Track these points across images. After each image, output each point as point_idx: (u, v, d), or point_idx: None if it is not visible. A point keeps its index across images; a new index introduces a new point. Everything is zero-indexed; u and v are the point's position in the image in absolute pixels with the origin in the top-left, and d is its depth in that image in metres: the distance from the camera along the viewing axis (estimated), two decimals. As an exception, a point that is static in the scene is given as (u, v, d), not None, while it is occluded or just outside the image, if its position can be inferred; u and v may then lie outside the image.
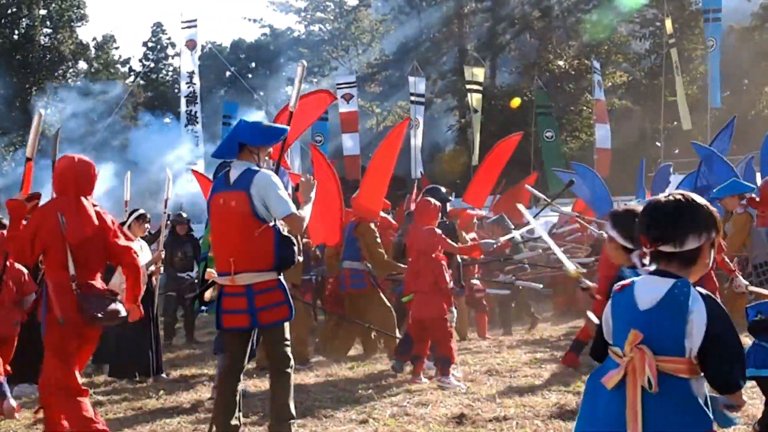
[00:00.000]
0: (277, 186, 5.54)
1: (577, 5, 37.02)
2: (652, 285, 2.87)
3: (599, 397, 2.90)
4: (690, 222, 2.85)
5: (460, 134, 37.66)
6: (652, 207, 2.94)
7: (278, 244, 5.54)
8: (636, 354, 2.78)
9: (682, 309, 2.78)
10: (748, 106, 33.78)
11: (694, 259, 2.88)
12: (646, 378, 2.75)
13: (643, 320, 2.83)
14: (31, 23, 40.88)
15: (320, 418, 6.64)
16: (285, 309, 5.60)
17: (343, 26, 44.92)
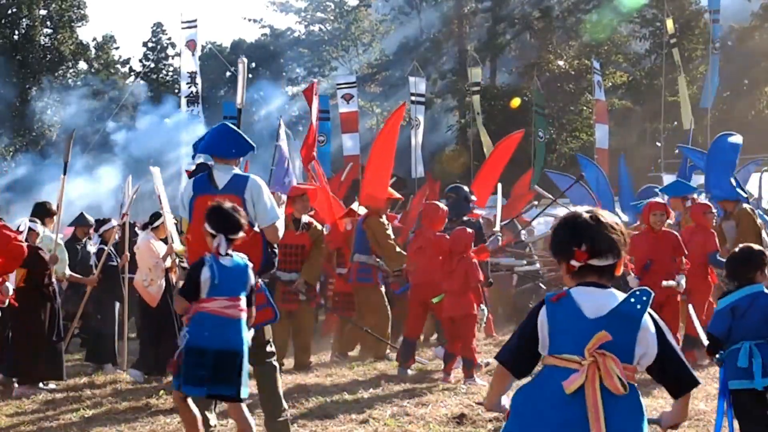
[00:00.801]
0: (268, 193, 5.74)
1: (578, 5, 37.00)
2: (595, 295, 2.99)
3: (546, 409, 2.94)
4: (620, 237, 3.02)
5: (460, 134, 37.65)
6: (588, 221, 3.02)
7: (265, 249, 5.72)
8: (599, 358, 2.87)
9: (636, 318, 2.93)
10: (748, 107, 33.76)
11: (614, 272, 3.04)
12: (617, 379, 2.85)
13: (593, 328, 2.91)
14: (31, 23, 40.85)
15: (320, 418, 6.65)
16: (270, 311, 5.77)
17: (344, 26, 44.88)
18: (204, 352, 5.00)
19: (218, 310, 5.09)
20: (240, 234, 5.19)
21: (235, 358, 5.06)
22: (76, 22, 42.86)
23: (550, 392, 2.96)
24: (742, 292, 5.04)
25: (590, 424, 2.85)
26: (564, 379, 2.91)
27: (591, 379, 2.87)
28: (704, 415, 6.45)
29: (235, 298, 5.14)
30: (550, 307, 3.03)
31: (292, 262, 9.50)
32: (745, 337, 4.95)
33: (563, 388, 2.90)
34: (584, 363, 2.89)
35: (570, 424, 2.89)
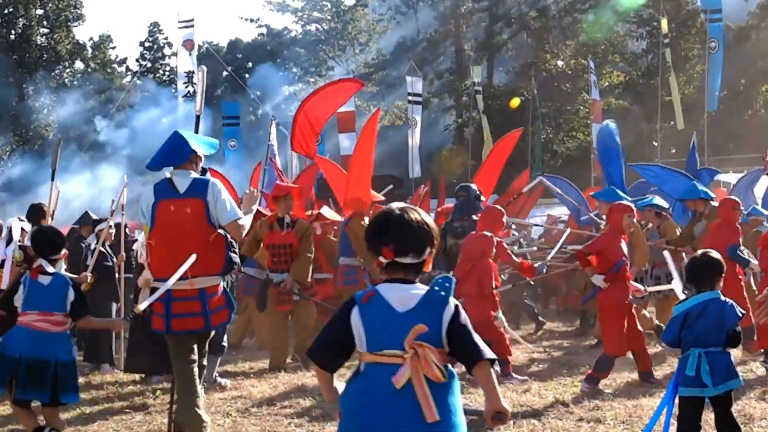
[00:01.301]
0: (226, 193, 5.89)
1: (574, 5, 37.01)
2: (401, 290, 3.13)
3: (378, 405, 3.07)
4: (428, 235, 3.15)
5: (457, 134, 37.66)
6: (397, 220, 3.15)
7: (227, 250, 5.83)
8: (418, 350, 3.01)
9: (443, 303, 3.09)
10: (744, 106, 33.80)
11: (421, 268, 3.17)
12: (436, 368, 3.00)
13: (405, 321, 3.05)
14: (27, 23, 40.83)
15: (318, 418, 6.64)
16: (227, 312, 5.95)
17: (340, 26, 44.87)
18: (16, 360, 5.57)
19: (30, 323, 5.67)
20: (61, 253, 6.03)
21: (46, 367, 5.55)
22: (73, 21, 42.86)
23: (378, 388, 3.08)
24: (697, 299, 5.03)
25: (424, 413, 2.98)
26: (390, 374, 3.03)
27: (416, 371, 3.00)
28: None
29: (48, 313, 5.70)
30: (361, 308, 3.14)
31: (283, 263, 9.52)
32: (695, 344, 4.94)
33: (392, 383, 3.02)
34: (406, 356, 3.02)
35: (404, 415, 3.01)
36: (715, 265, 5.13)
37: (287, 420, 6.62)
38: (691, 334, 4.97)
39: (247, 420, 6.68)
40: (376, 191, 18.58)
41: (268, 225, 9.56)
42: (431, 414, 2.98)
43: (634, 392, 7.31)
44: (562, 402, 6.92)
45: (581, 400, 7.04)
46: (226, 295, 5.92)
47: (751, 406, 6.56)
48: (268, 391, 7.87)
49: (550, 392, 7.40)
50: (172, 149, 5.99)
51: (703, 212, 10.32)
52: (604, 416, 6.39)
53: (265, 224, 9.59)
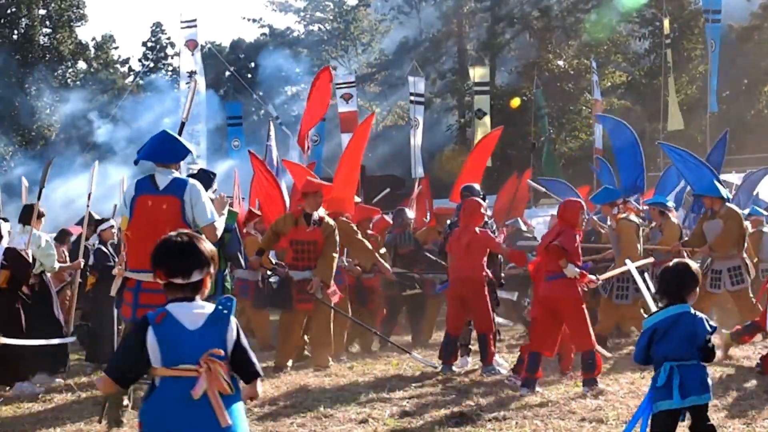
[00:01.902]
0: (206, 196, 6.20)
1: (577, 5, 37.01)
2: (190, 309, 3.50)
3: (176, 416, 3.39)
4: (196, 259, 3.52)
5: (459, 134, 37.65)
6: (163, 245, 3.58)
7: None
8: (211, 365, 3.38)
9: (225, 321, 3.49)
10: (746, 106, 33.77)
11: (199, 287, 3.54)
12: (224, 382, 3.39)
13: (197, 338, 3.43)
14: (30, 23, 40.85)
15: (320, 417, 6.64)
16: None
17: (343, 26, 44.87)
18: None
19: None
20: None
21: None
22: (76, 21, 42.87)
23: (175, 399, 3.40)
24: (665, 312, 4.80)
25: (219, 419, 3.36)
26: (186, 387, 3.37)
27: (210, 383, 3.38)
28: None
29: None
30: (155, 328, 3.45)
31: (305, 260, 9.37)
32: (666, 358, 4.75)
33: (189, 394, 3.36)
34: (201, 370, 3.38)
35: (201, 423, 3.38)
36: (689, 276, 4.84)
37: (289, 420, 6.62)
38: (662, 350, 4.76)
39: (249, 420, 6.63)
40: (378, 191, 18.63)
41: (293, 220, 9.43)
42: (224, 420, 3.38)
43: (637, 392, 7.31)
44: (565, 402, 6.92)
45: (583, 400, 7.04)
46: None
47: (754, 407, 6.55)
48: (270, 390, 7.87)
49: (552, 392, 7.39)
50: (170, 147, 6.27)
51: (717, 212, 10.21)
52: (607, 416, 6.39)
53: (289, 219, 9.50)
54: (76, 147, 34.14)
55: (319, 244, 9.36)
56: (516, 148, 32.29)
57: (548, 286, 7.65)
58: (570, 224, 7.77)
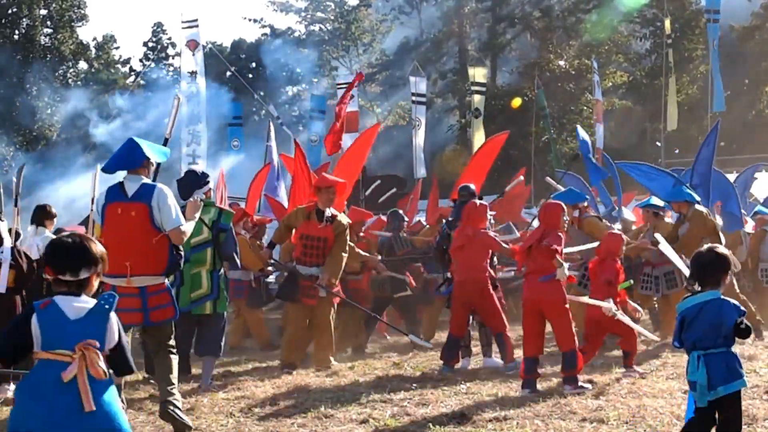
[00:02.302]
0: (172, 200, 6.35)
1: (578, 5, 37.01)
2: (73, 302, 3.78)
3: (46, 395, 3.64)
4: (84, 259, 3.81)
5: (460, 134, 37.66)
6: (55, 245, 3.90)
7: (170, 251, 6.33)
8: (86, 352, 3.66)
9: (105, 315, 3.79)
10: (748, 106, 33.76)
11: (86, 284, 3.84)
12: (99, 368, 3.67)
13: (76, 327, 3.72)
14: (31, 23, 40.85)
15: (320, 417, 6.64)
16: (171, 309, 6.45)
17: (344, 26, 44.86)
18: None
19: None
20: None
21: None
22: (77, 21, 42.86)
23: (47, 381, 3.66)
24: (694, 299, 4.82)
25: (84, 403, 3.61)
26: (59, 370, 3.64)
27: (80, 369, 3.64)
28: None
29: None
30: (39, 313, 3.74)
31: (314, 255, 9.32)
32: (695, 346, 4.77)
33: (60, 377, 3.62)
34: (75, 356, 3.65)
35: (67, 405, 3.62)
36: (719, 262, 4.89)
37: (290, 420, 6.62)
38: (690, 338, 4.81)
39: (250, 420, 6.68)
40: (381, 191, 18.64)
41: (305, 214, 9.37)
42: (89, 405, 3.62)
43: (638, 392, 7.30)
44: (566, 402, 6.91)
45: (584, 400, 7.03)
46: (170, 294, 6.45)
47: (755, 407, 6.54)
48: (271, 391, 7.87)
49: (553, 392, 7.39)
50: (126, 154, 6.44)
51: (686, 215, 10.37)
52: (608, 416, 6.38)
53: (301, 213, 9.44)
54: (78, 147, 34.13)
55: (329, 241, 9.32)
56: (517, 148, 32.28)
57: (538, 287, 7.68)
58: (552, 226, 7.82)
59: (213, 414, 6.92)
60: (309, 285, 9.25)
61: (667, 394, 7.22)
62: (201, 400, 7.50)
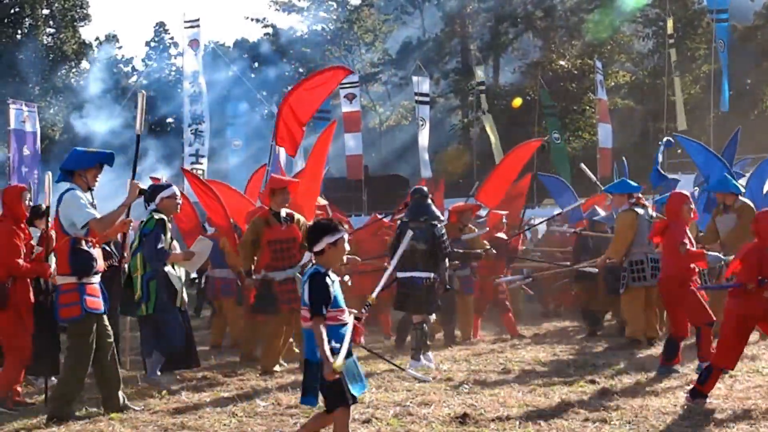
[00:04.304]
0: (78, 200, 6.71)
1: (580, 5, 37.00)
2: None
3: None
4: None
5: (462, 133, 37.65)
6: None
7: (72, 253, 6.72)
8: None
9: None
10: (750, 106, 33.70)
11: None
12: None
13: None
14: (33, 23, 40.89)
15: (323, 417, 6.64)
16: (77, 309, 6.76)
17: (346, 26, 44.87)
18: None
19: None
20: None
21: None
22: (79, 21, 42.90)
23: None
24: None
25: None
26: None
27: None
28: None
29: None
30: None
31: (286, 258, 9.16)
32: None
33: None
34: None
35: None
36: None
37: (293, 420, 6.62)
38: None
39: (253, 420, 6.68)
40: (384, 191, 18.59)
41: (264, 222, 9.19)
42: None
43: (641, 392, 7.30)
44: (568, 402, 6.91)
45: (587, 400, 7.03)
46: (79, 295, 6.75)
47: (758, 407, 6.54)
48: (274, 390, 7.87)
49: (555, 392, 7.39)
50: (63, 166, 6.98)
51: (731, 206, 10.20)
52: (610, 416, 6.38)
53: (260, 222, 9.23)
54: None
55: (298, 241, 9.17)
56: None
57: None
58: (675, 217, 8.03)
59: (215, 414, 6.92)
60: (287, 289, 9.13)
61: (670, 394, 7.22)
62: (204, 400, 7.50)
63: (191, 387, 8.34)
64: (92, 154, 7.13)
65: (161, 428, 6.51)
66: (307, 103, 11.77)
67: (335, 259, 5.28)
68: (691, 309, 8.10)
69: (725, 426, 6.03)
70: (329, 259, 5.25)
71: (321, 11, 46.91)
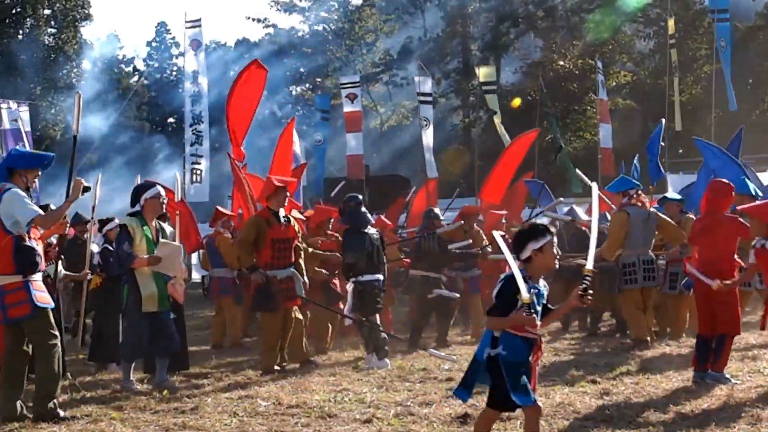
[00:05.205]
0: (21, 198, 6.73)
1: (581, 5, 36.97)
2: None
3: None
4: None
5: (463, 133, 37.64)
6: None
7: (15, 251, 6.69)
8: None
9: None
10: (752, 106, 33.68)
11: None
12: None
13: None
14: (35, 23, 40.88)
15: (324, 417, 6.65)
16: (27, 306, 6.73)
17: (347, 26, 44.87)
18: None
19: None
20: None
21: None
22: (80, 21, 42.89)
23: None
24: None
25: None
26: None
27: None
28: None
29: None
30: None
31: (286, 257, 9.32)
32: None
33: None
34: None
35: None
36: None
37: (294, 420, 6.62)
38: None
39: (254, 420, 6.68)
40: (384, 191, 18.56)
41: (266, 222, 9.27)
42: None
43: (641, 392, 7.30)
44: (569, 402, 6.91)
45: (588, 400, 7.03)
46: (27, 292, 6.72)
47: (759, 407, 6.54)
48: (275, 390, 7.88)
49: (556, 392, 7.38)
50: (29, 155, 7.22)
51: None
52: (611, 416, 6.38)
53: (261, 221, 9.31)
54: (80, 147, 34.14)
55: (294, 241, 9.41)
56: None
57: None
58: (720, 208, 7.98)
59: (216, 414, 6.93)
60: (286, 288, 9.26)
61: (671, 394, 7.22)
62: (205, 400, 7.51)
63: (192, 387, 8.34)
64: (37, 155, 7.35)
65: (162, 428, 6.52)
66: (242, 112, 11.92)
67: (544, 265, 5.01)
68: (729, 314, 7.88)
69: (726, 426, 6.03)
70: (538, 265, 4.99)
71: (322, 11, 46.90)
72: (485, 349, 4.97)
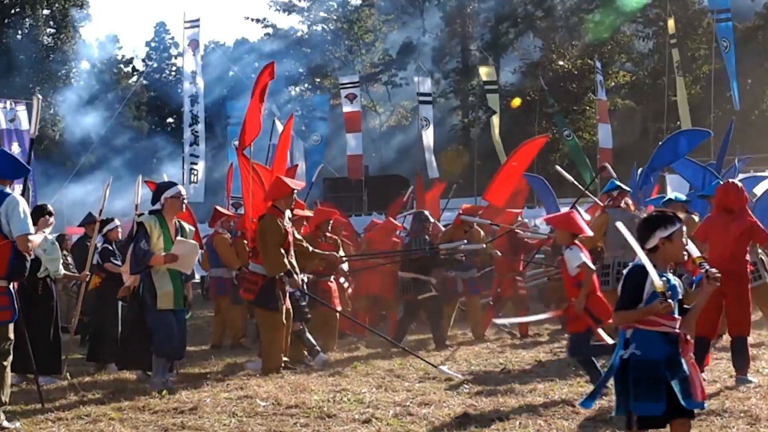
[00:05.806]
0: (22, 208, 6.66)
1: (580, 5, 37.01)
2: None
3: None
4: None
5: (462, 133, 37.65)
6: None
7: (12, 257, 6.65)
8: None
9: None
10: (751, 106, 33.69)
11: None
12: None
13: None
14: (34, 23, 40.89)
15: (323, 417, 6.64)
16: (8, 312, 6.67)
17: (347, 26, 44.88)
18: None
19: None
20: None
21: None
22: (79, 21, 42.90)
23: None
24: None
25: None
26: None
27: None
28: None
29: None
30: None
31: (295, 259, 9.43)
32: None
33: None
34: None
35: None
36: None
37: (293, 420, 6.62)
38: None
39: (253, 420, 6.67)
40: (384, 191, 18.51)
41: (282, 223, 9.21)
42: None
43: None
44: (568, 402, 6.90)
45: (587, 400, 7.02)
46: (9, 297, 6.68)
47: (758, 407, 6.53)
48: (274, 391, 7.87)
49: (556, 392, 7.38)
50: (9, 166, 7.02)
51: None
52: (610, 416, 6.37)
53: (281, 222, 9.19)
54: (80, 147, 34.17)
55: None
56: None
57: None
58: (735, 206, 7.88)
59: (216, 414, 6.92)
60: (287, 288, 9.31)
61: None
62: (204, 400, 7.50)
63: (191, 387, 8.33)
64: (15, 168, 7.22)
65: (161, 428, 6.51)
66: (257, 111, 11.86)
67: (672, 254, 4.58)
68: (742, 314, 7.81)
69: (725, 426, 6.02)
70: (665, 254, 4.57)
71: (321, 11, 46.90)
72: (618, 352, 4.53)
